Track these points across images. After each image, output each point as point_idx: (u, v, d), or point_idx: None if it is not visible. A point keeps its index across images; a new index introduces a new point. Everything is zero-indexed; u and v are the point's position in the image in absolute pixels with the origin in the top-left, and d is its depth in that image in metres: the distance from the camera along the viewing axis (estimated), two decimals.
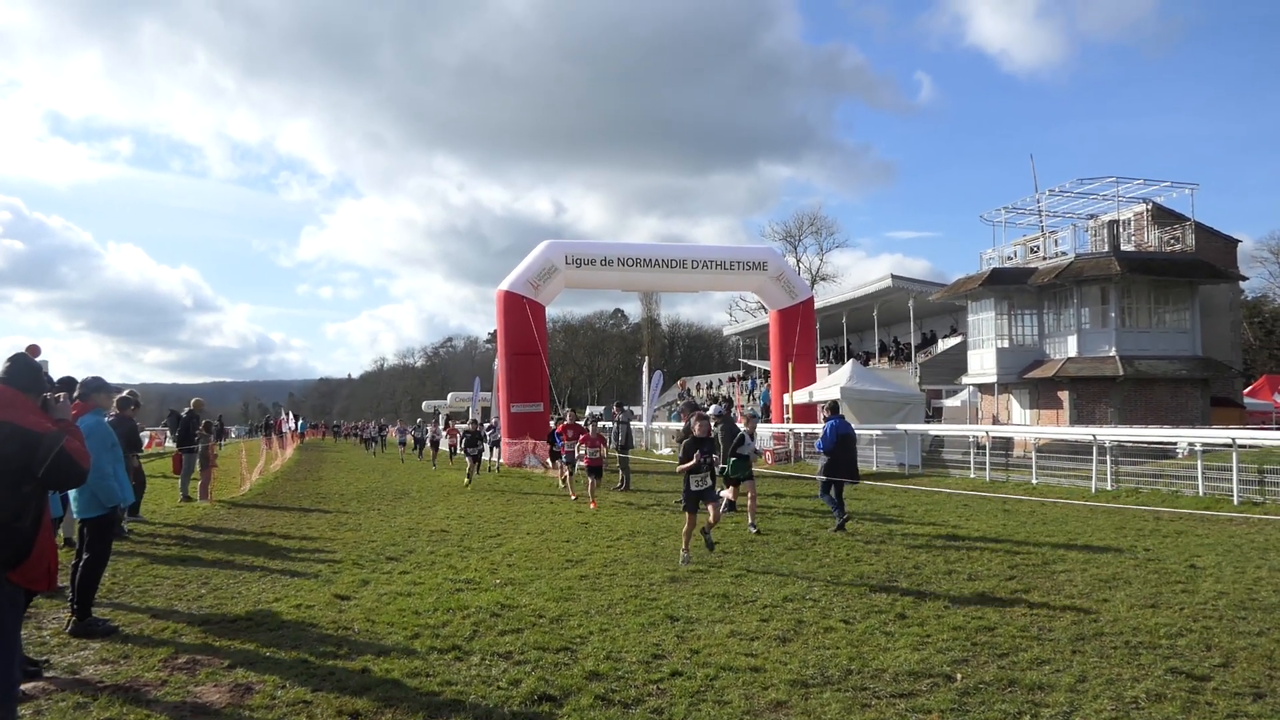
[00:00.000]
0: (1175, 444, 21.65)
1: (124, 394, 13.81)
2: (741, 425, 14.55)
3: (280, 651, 6.64)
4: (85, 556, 7.44)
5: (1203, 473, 16.29)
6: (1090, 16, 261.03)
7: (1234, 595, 8.22)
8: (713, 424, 16.43)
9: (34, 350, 12.23)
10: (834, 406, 14.69)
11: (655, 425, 39.00)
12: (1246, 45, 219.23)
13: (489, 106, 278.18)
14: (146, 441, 29.35)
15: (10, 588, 4.34)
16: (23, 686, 5.39)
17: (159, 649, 6.75)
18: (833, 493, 13.27)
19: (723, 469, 13.67)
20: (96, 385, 8.23)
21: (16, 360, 4.76)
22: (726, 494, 13.39)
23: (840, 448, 13.56)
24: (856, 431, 25.17)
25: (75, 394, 8.20)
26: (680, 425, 16.75)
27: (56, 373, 13.01)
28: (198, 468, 18.67)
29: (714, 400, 30.29)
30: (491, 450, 28.59)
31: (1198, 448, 17.35)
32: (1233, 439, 15.88)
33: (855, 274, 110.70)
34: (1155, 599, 8.12)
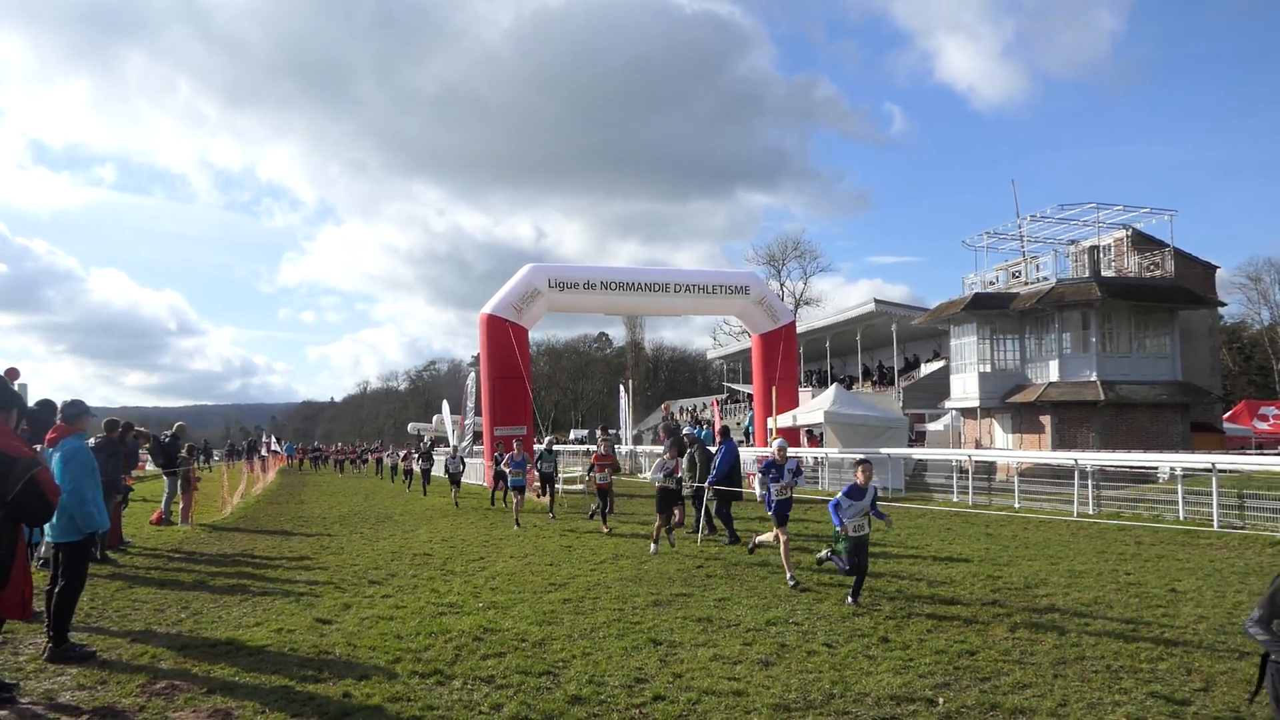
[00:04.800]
0: (1156, 469, 21.80)
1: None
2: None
3: (260, 676, 6.58)
4: (61, 582, 7.34)
5: (1183, 497, 16.39)
6: (1049, 57, 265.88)
7: (1214, 619, 8.27)
8: (689, 446, 16.61)
9: (13, 373, 12.18)
10: (725, 431, 16.44)
11: (640, 449, 38.93)
12: (1208, 79, 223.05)
13: (467, 135, 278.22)
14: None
15: None
16: None
17: (137, 674, 6.69)
18: (729, 510, 14.62)
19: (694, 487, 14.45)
20: (80, 409, 8.14)
21: None
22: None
23: (736, 469, 15.30)
24: (839, 456, 25.44)
25: (57, 417, 8.13)
26: (660, 448, 16.89)
27: (35, 395, 12.92)
28: (179, 491, 18.53)
29: (697, 424, 30.28)
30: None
31: (1178, 472, 17.47)
32: (1212, 464, 16.00)
33: (836, 299, 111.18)
34: (1136, 622, 8.16)
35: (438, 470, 31.67)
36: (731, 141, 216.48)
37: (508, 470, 18.79)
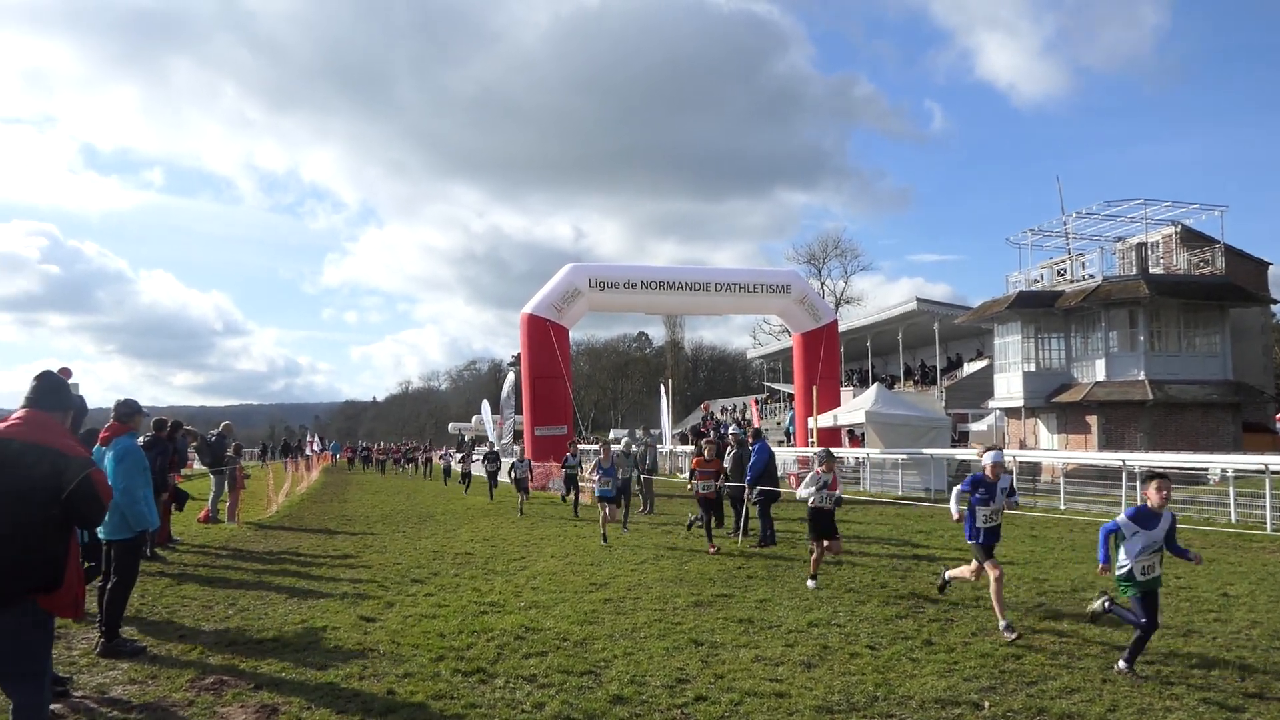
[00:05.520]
0: (1206, 470, 21.38)
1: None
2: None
3: (306, 673, 6.67)
4: (114, 579, 7.50)
5: (1235, 499, 16.05)
6: (1092, 53, 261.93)
7: (1268, 624, 8.08)
8: (733, 447, 16.59)
9: (65, 373, 12.42)
10: (757, 433, 16.27)
11: (680, 449, 38.88)
12: (1258, 71, 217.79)
13: (505, 136, 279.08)
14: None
15: (40, 612, 4.39)
16: (52, 706, 5.44)
17: (186, 669, 6.81)
18: (769, 511, 14.31)
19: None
20: (133, 408, 8.30)
21: (43, 380, 4.79)
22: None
23: (771, 468, 14.97)
24: (882, 456, 25.25)
25: (111, 416, 8.29)
26: (692, 448, 16.70)
27: (86, 394, 13.15)
28: (226, 489, 18.82)
29: (736, 423, 30.19)
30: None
31: (1229, 474, 17.12)
32: (1265, 465, 15.65)
33: (877, 297, 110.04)
34: (1187, 628, 8.00)
35: (478, 471, 31.33)
36: (770, 140, 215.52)
37: (594, 477, 15.95)
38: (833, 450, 11.62)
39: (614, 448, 17.58)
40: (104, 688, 6.37)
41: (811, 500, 10.49)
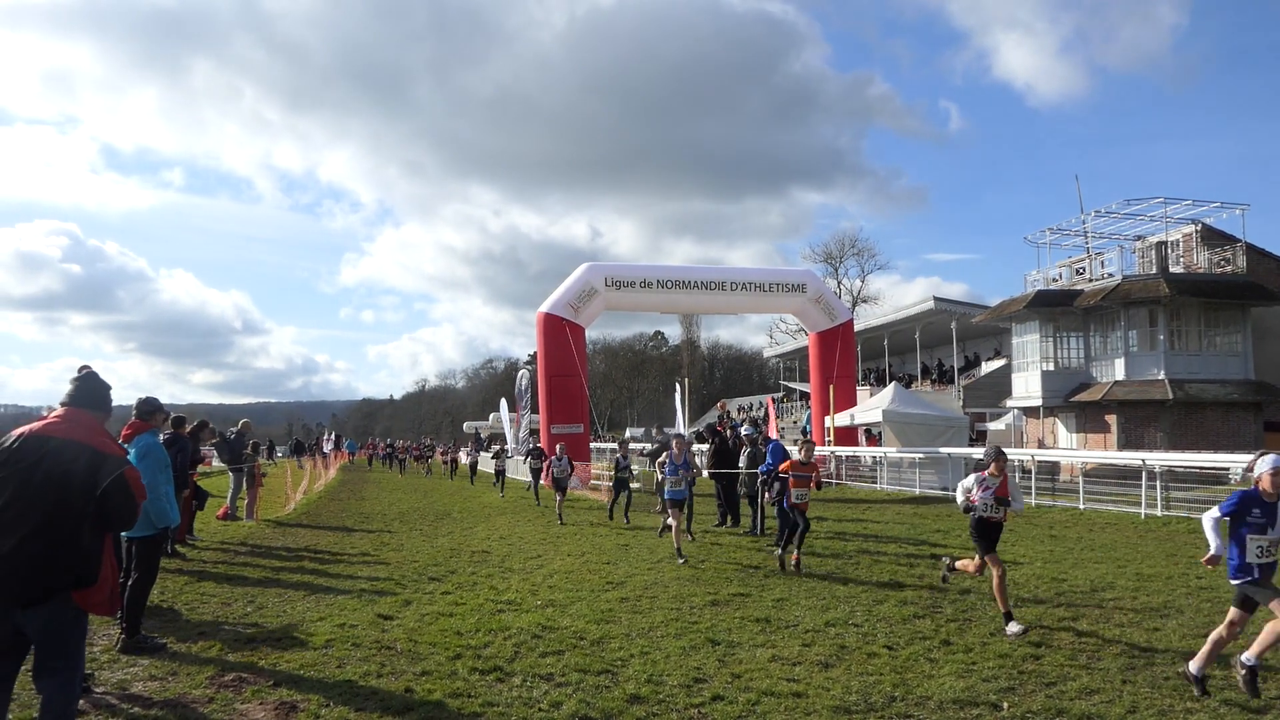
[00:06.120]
0: (1228, 469, 21.19)
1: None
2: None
3: (324, 670, 6.70)
4: (134, 575, 7.55)
5: None
6: (1109, 53, 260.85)
7: None
8: (746, 446, 16.60)
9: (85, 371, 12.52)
10: (767, 438, 16.06)
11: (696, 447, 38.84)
12: (1277, 69, 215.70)
13: (522, 136, 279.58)
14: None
15: (76, 609, 4.42)
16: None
17: (206, 666, 6.85)
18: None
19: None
20: (154, 406, 8.36)
21: (85, 380, 4.83)
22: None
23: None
24: (899, 455, 25.18)
25: (133, 414, 8.35)
26: (706, 446, 16.59)
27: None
28: (244, 487, 18.93)
29: (752, 423, 30.08)
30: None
31: (1251, 473, 16.99)
32: None
33: (893, 296, 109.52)
34: (1208, 628, 7.91)
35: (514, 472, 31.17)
36: (785, 140, 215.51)
37: (664, 475, 13.91)
38: (1002, 450, 8.89)
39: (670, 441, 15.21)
40: (125, 684, 6.41)
41: (977, 509, 8.50)
